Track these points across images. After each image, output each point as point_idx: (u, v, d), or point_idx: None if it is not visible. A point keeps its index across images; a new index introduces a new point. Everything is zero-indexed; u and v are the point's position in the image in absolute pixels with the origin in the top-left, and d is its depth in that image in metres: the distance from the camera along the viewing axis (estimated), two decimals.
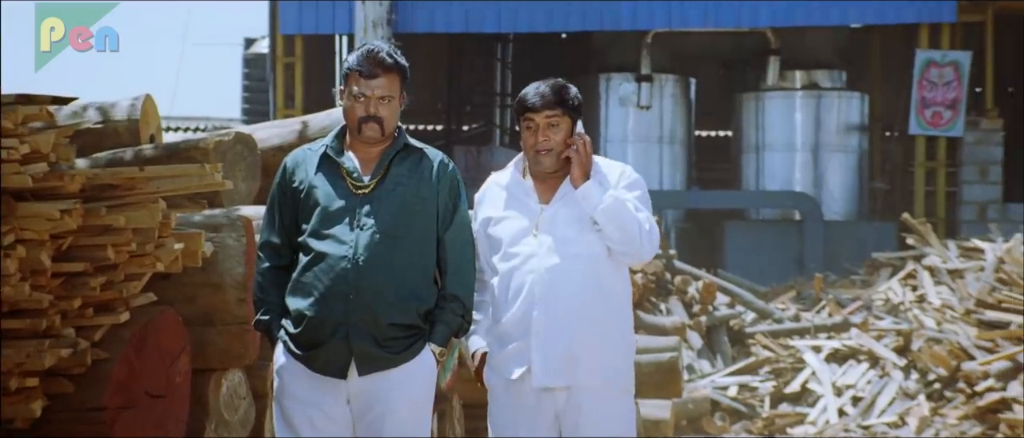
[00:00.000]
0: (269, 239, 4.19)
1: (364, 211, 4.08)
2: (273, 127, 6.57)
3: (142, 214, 4.56)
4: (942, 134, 18.50)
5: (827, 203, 19.20)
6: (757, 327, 14.23)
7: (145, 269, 4.72)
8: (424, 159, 4.20)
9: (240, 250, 4.99)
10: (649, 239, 4.28)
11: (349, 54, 4.24)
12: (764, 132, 19.42)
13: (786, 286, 16.32)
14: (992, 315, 12.72)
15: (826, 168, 19.42)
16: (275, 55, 19.16)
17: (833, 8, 18.44)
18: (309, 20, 18.47)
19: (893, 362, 12.58)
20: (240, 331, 5.01)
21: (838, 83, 19.62)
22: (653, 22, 18.62)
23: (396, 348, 4.06)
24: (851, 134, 19.40)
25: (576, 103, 4.41)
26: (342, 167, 4.14)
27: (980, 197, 18.50)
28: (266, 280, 4.16)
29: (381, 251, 4.05)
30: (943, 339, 12.50)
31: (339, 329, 4.04)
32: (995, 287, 13.17)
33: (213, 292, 4.99)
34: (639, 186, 4.38)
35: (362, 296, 4.03)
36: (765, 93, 19.46)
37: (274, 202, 4.21)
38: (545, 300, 4.25)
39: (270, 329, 4.15)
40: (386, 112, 4.13)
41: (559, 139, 4.34)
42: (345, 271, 4.03)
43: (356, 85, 4.14)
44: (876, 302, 14.52)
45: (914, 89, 18.33)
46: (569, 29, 18.97)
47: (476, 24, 18.40)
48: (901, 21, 18.61)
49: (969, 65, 18.24)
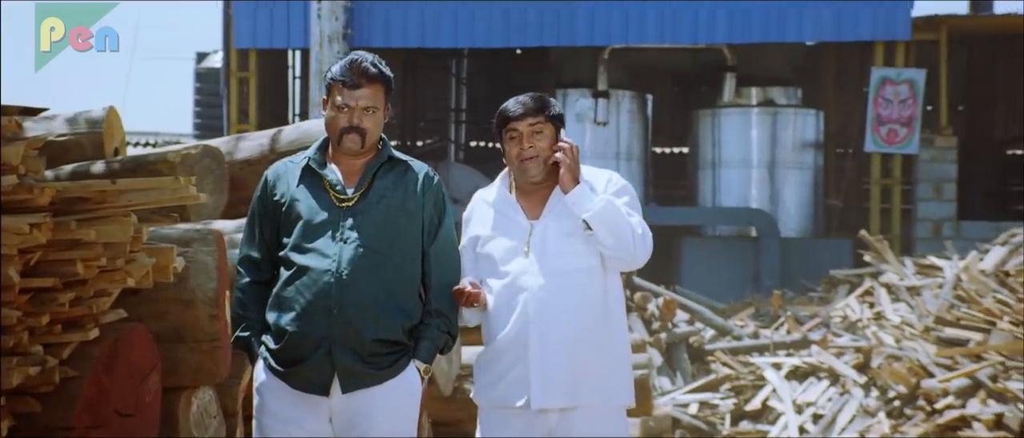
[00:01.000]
0: (249, 253, 4.11)
1: (348, 224, 4.00)
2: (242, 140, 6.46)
3: (113, 228, 4.44)
4: (897, 151, 18.60)
5: (783, 220, 19.25)
6: (717, 344, 14.23)
7: (115, 285, 4.61)
8: (409, 172, 4.12)
9: (212, 265, 4.88)
10: (643, 243, 4.23)
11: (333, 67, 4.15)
12: (720, 149, 19.44)
13: (744, 303, 16.35)
14: (951, 332, 12.78)
15: (782, 185, 19.47)
16: (229, 69, 18.99)
17: (789, 25, 18.52)
18: (263, 34, 18.32)
19: (853, 379, 12.60)
20: (212, 348, 4.90)
21: (794, 100, 19.69)
22: (611, 38, 18.61)
23: (380, 364, 3.99)
24: (807, 151, 19.47)
25: (557, 112, 4.37)
26: (325, 179, 4.06)
27: (935, 214, 18.61)
28: (246, 295, 4.07)
29: (365, 265, 3.98)
30: (903, 356, 12.53)
31: (322, 345, 3.96)
32: (954, 304, 13.23)
33: (184, 308, 4.88)
34: (627, 192, 4.32)
35: (345, 311, 3.95)
36: (721, 110, 19.49)
37: (255, 215, 4.13)
38: (540, 319, 4.18)
39: (250, 345, 4.06)
40: (369, 123, 4.06)
41: (544, 146, 4.28)
42: (328, 285, 3.95)
43: (339, 95, 4.07)
44: (834, 319, 14.55)
45: (870, 106, 18.43)
46: (527, 44, 18.93)
47: (433, 39, 18.33)
48: (857, 38, 18.71)
49: (924, 83, 18.35)
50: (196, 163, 5.79)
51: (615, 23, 18.47)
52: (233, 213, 5.93)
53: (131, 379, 4.69)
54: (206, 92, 23.69)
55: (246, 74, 18.69)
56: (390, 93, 4.15)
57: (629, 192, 4.32)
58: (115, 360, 4.63)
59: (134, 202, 4.47)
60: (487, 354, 4.26)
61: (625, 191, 4.30)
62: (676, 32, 18.54)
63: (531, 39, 18.60)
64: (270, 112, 19.37)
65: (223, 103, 19.69)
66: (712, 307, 15.61)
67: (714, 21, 18.53)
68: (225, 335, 4.92)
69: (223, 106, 19.73)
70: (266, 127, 13.10)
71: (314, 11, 17.55)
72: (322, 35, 17.63)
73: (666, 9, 18.44)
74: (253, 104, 18.56)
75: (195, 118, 24.84)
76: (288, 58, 21.12)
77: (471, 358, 6.57)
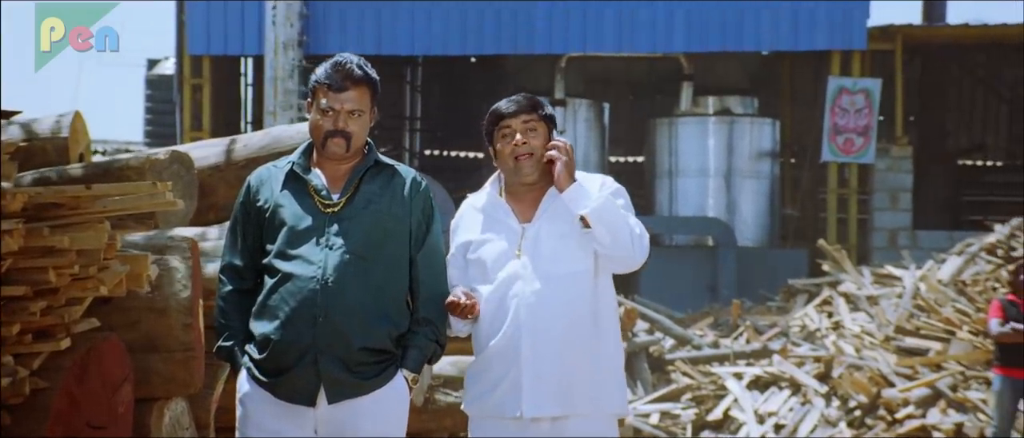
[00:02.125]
0: (232, 261, 4.02)
1: (333, 230, 3.92)
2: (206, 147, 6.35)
3: (87, 235, 4.34)
4: (854, 161, 18.69)
5: (740, 229, 19.29)
6: (677, 354, 14.20)
7: (87, 293, 4.51)
8: (396, 176, 4.05)
9: (186, 273, 4.79)
10: (640, 243, 4.16)
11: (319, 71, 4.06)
12: (677, 158, 19.47)
13: (703, 312, 16.34)
14: (911, 342, 12.83)
15: (739, 194, 19.52)
16: (182, 76, 18.82)
17: (746, 34, 18.57)
18: (217, 41, 18.19)
19: (815, 389, 12.61)
20: (185, 358, 4.80)
21: (750, 109, 19.75)
22: (568, 46, 18.61)
23: (367, 374, 3.91)
24: (763, 160, 19.53)
25: (550, 112, 4.33)
26: (309, 184, 3.97)
27: (890, 224, 18.71)
28: (228, 304, 3.98)
29: (351, 272, 3.90)
30: (864, 366, 12.57)
31: (307, 354, 3.88)
32: (913, 314, 13.28)
33: (157, 317, 4.78)
34: (622, 194, 4.25)
35: (331, 319, 3.87)
36: (678, 119, 19.52)
37: (237, 222, 4.04)
38: (532, 326, 4.10)
39: (233, 355, 3.97)
40: (355, 127, 3.98)
41: (538, 144, 4.22)
42: (313, 293, 3.87)
43: (324, 98, 3.99)
44: (793, 329, 14.57)
45: (826, 116, 18.51)
46: (484, 52, 18.89)
47: (389, 46, 18.25)
48: (813, 48, 18.80)
49: (879, 93, 18.45)
50: (164, 169, 5.69)
51: (573, 31, 18.47)
52: (202, 221, 5.84)
53: (103, 390, 4.59)
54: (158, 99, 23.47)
55: (199, 81, 18.53)
56: (376, 96, 4.07)
57: (624, 195, 4.26)
58: (87, 371, 4.53)
59: (109, 208, 4.37)
60: (479, 363, 4.18)
61: (620, 194, 4.24)
62: (634, 41, 18.57)
63: (489, 47, 18.56)
64: (224, 120, 19.20)
65: (176, 110, 19.49)
66: (671, 316, 15.60)
67: (672, 30, 18.56)
68: (199, 345, 4.83)
69: (176, 113, 19.53)
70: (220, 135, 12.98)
71: (269, 17, 17.44)
72: (277, 41, 17.52)
73: (624, 18, 18.45)
74: (207, 112, 18.40)
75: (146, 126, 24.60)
76: (240, 65, 20.96)
77: (445, 369, 6.50)
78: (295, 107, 17.35)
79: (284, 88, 17.39)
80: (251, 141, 6.14)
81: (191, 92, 18.61)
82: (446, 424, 6.55)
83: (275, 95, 17.45)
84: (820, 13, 18.35)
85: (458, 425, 6.55)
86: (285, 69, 17.43)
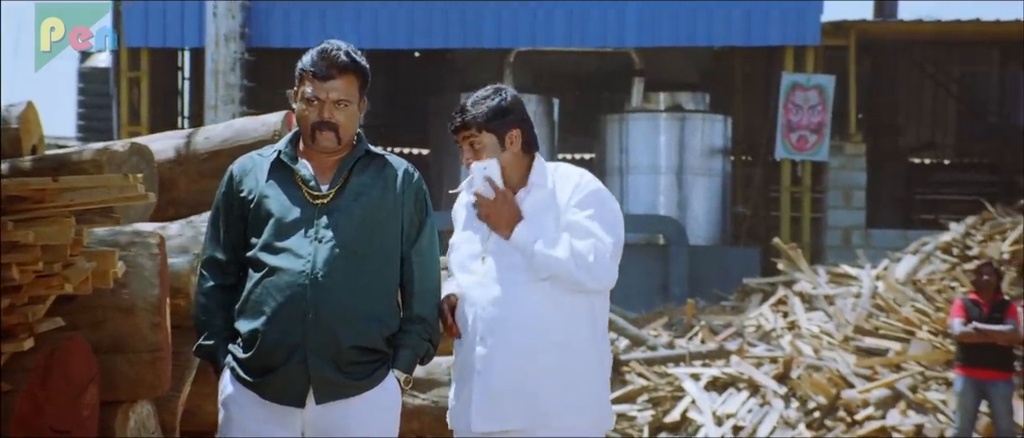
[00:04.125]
0: (213, 255, 3.90)
1: (323, 223, 3.81)
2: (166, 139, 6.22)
3: (53, 230, 4.21)
4: (808, 158, 18.75)
5: (691, 227, 19.31)
6: (632, 354, 14.17)
7: (51, 291, 4.37)
8: (387, 168, 3.95)
9: (154, 270, 4.66)
10: (598, 269, 3.96)
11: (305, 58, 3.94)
12: (628, 155, 19.46)
13: (656, 312, 16.33)
14: (870, 342, 12.89)
15: (690, 192, 19.54)
16: (119, 69, 18.55)
17: (698, 29, 18.58)
18: (156, 32, 17.96)
19: (773, 390, 12.63)
20: (152, 359, 4.67)
21: (701, 105, 19.78)
22: (517, 41, 18.55)
23: (358, 374, 3.80)
24: (715, 157, 19.56)
25: (493, 114, 4.12)
26: (297, 174, 3.87)
27: (844, 222, 18.80)
28: (210, 300, 3.87)
29: (342, 267, 3.79)
30: (823, 367, 12.60)
31: (296, 352, 3.77)
32: (872, 313, 13.34)
33: (123, 316, 4.65)
34: (593, 202, 4.05)
35: (321, 316, 3.76)
36: (629, 115, 19.51)
37: (219, 214, 3.92)
38: (490, 335, 3.96)
39: (215, 355, 3.86)
40: (342, 117, 3.88)
41: (488, 154, 4.10)
42: (302, 288, 3.76)
43: (309, 87, 3.88)
44: (748, 329, 14.59)
45: (780, 112, 18.56)
46: (432, 46, 18.78)
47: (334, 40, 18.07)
48: (766, 43, 18.85)
49: (833, 89, 18.53)
50: (123, 162, 5.53)
51: (522, 25, 18.41)
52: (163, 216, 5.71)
53: (68, 392, 4.47)
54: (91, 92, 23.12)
55: (137, 74, 18.28)
56: (366, 85, 3.97)
57: (596, 201, 4.05)
58: (51, 372, 4.41)
59: (76, 202, 4.25)
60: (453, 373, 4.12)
61: (591, 201, 4.04)
62: (584, 35, 18.53)
63: (436, 41, 18.47)
64: (162, 114, 18.97)
65: (112, 104, 19.22)
66: (623, 316, 15.57)
67: (623, 24, 18.55)
68: (166, 345, 4.71)
69: (112, 107, 19.26)
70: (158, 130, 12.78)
71: (210, 9, 17.25)
72: (218, 34, 17.34)
73: (574, 11, 18.41)
74: (145, 106, 18.16)
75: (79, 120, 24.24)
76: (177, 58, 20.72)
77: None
78: (237, 101, 17.17)
79: (226, 82, 17.20)
80: (213, 134, 6.01)
81: (128, 86, 18.35)
82: (413, 427, 6.44)
83: (216, 89, 17.27)
84: (773, 8, 18.40)
85: (425, 428, 6.44)
86: (227, 62, 17.24)
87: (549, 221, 4.04)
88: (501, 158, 4.12)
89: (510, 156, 4.13)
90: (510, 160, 4.13)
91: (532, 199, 4.10)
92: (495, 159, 4.06)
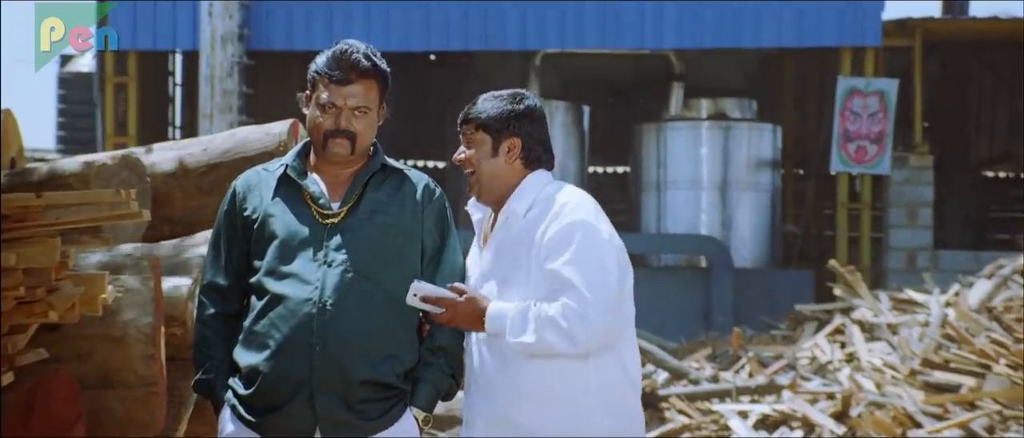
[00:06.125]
0: (214, 281, 3.92)
1: (333, 244, 3.83)
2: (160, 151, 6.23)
3: (36, 251, 4.23)
4: (867, 171, 18.70)
5: (736, 248, 19.29)
6: (671, 389, 14.14)
7: (34, 319, 4.39)
8: (405, 183, 3.96)
9: (147, 296, 4.68)
10: (575, 332, 3.91)
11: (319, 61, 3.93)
12: (666, 168, 19.46)
13: (698, 342, 16.32)
14: (940, 376, 12.81)
15: (735, 209, 19.53)
16: (104, 74, 18.63)
17: (745, 29, 18.56)
18: (145, 34, 18.00)
19: (831, 430, 12.57)
20: (145, 395, 4.69)
21: (748, 113, 19.78)
22: (545, 42, 18.55)
23: (370, 413, 3.82)
24: (763, 171, 19.54)
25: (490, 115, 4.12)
26: (305, 191, 3.87)
27: (909, 243, 18.73)
28: (210, 330, 3.88)
29: (354, 293, 3.81)
30: (886, 404, 12.54)
31: (301, 389, 3.79)
32: (941, 344, 13.27)
33: (113, 347, 4.67)
34: (568, 240, 3.95)
35: (330, 348, 3.78)
36: (667, 124, 19.51)
37: (220, 235, 3.94)
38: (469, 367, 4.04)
39: (214, 391, 3.87)
40: (360, 126, 3.90)
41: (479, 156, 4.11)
42: (309, 317, 3.77)
43: (324, 92, 3.89)
44: (801, 361, 14.56)
45: (836, 121, 18.51)
46: (450, 48, 18.81)
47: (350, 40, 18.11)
48: (821, 44, 18.81)
49: (895, 95, 18.48)
50: (113, 176, 5.56)
51: (549, 25, 18.43)
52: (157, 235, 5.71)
53: (51, 432, 4.49)
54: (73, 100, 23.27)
55: (124, 79, 18.35)
56: (386, 91, 3.98)
57: (569, 243, 3.96)
58: (33, 410, 4.45)
59: (62, 220, 4.26)
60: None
61: (564, 244, 3.96)
62: (619, 36, 18.52)
63: (455, 43, 18.49)
64: (151, 124, 19.04)
65: (97, 113, 19.31)
66: (662, 346, 15.57)
67: (661, 24, 18.55)
68: (161, 379, 4.71)
69: (96, 116, 19.35)
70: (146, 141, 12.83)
71: (205, 8, 17.30)
72: (214, 35, 17.40)
73: (608, 10, 18.42)
74: (133, 114, 18.22)
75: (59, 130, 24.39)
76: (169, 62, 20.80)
77: None
78: (235, 109, 17.22)
79: (222, 88, 17.25)
80: (212, 145, 6.01)
81: (114, 92, 18.42)
82: None
83: (211, 96, 17.32)
84: (829, 6, 18.37)
85: None
86: (223, 66, 17.30)
87: (521, 255, 4.03)
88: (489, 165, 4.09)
89: (502, 165, 4.12)
90: (500, 170, 4.11)
91: (506, 228, 4.10)
92: (415, 281, 3.97)
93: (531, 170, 4.16)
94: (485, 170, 4.10)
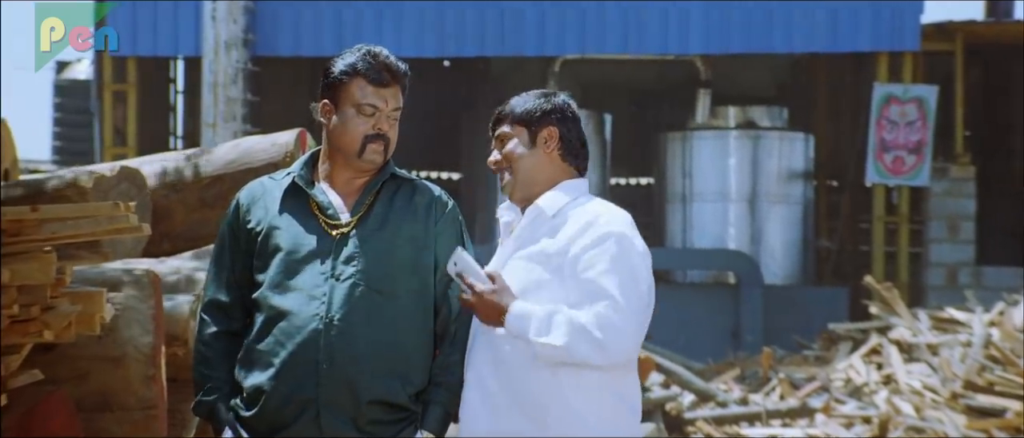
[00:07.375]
0: (216, 297, 3.95)
1: (342, 257, 3.86)
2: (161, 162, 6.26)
3: (31, 267, 4.25)
4: (905, 183, 18.69)
5: (767, 264, 19.29)
6: (698, 412, 14.15)
7: (29, 338, 4.41)
8: (417, 193, 3.99)
9: (147, 314, 4.71)
10: (609, 344, 3.96)
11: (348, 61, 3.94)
12: (692, 179, 19.48)
13: (726, 362, 16.33)
14: (984, 400, 12.79)
15: (765, 222, 19.52)
16: (102, 81, 18.70)
17: (776, 33, 18.57)
18: (145, 38, 18.06)
19: None
20: (145, 418, 4.73)
21: (779, 121, 19.78)
22: (564, 47, 18.57)
23: (379, 434, 3.84)
24: (794, 182, 19.54)
25: (525, 108, 4.20)
26: (313, 201, 3.89)
27: (950, 258, 18.71)
28: (211, 350, 3.91)
29: (363, 308, 3.84)
30: (926, 429, 12.53)
31: (307, 408, 3.82)
32: (985, 366, 13.25)
33: (112, 368, 4.71)
34: (606, 247, 4.01)
35: (337, 366, 3.81)
36: (694, 133, 19.52)
37: (223, 249, 3.97)
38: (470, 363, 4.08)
39: (215, 412, 3.89)
40: (394, 133, 3.94)
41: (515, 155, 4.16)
42: (316, 334, 3.80)
43: (360, 93, 3.90)
44: (835, 382, 14.56)
45: (872, 130, 18.51)
46: (464, 54, 18.84)
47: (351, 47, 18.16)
48: (855, 49, 18.81)
49: (935, 102, 18.46)
50: (112, 188, 5.59)
51: (569, 30, 18.45)
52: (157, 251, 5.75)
53: None
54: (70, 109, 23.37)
55: (123, 86, 18.42)
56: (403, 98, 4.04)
57: (604, 256, 4.01)
58: (28, 434, 4.45)
59: (58, 235, 4.28)
60: None
61: (599, 257, 4.00)
62: (642, 41, 18.53)
63: (469, 48, 18.51)
64: (151, 133, 19.09)
65: (94, 122, 19.37)
66: (688, 367, 15.58)
67: (686, 28, 18.56)
68: (161, 401, 4.74)
69: (94, 125, 19.41)
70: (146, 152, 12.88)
71: (208, 11, 17.36)
72: (218, 40, 17.44)
73: (630, 13, 18.43)
74: (132, 123, 18.28)
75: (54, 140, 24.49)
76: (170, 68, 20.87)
77: None
78: (239, 118, 17.27)
79: (226, 96, 17.30)
80: (215, 155, 6.06)
81: (112, 100, 18.49)
82: None
83: (215, 104, 17.37)
84: (864, 8, 18.36)
85: None
86: (228, 73, 17.34)
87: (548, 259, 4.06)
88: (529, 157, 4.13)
89: (541, 156, 4.17)
90: (539, 161, 4.16)
91: (532, 228, 4.13)
92: (460, 248, 4.04)
93: (569, 164, 4.21)
94: (523, 164, 4.15)
